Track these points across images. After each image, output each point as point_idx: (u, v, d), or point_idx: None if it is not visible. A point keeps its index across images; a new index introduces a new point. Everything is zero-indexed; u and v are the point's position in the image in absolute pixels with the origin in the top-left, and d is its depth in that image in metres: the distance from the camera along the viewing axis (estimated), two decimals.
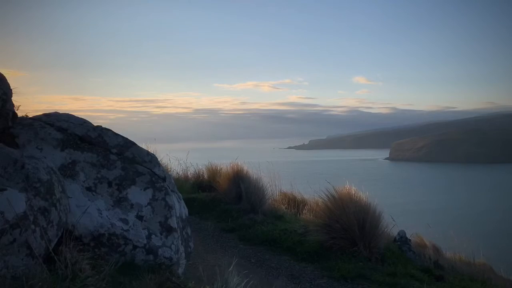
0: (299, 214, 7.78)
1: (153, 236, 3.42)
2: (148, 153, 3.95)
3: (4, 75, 3.42)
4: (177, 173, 11.54)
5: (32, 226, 2.60)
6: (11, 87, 3.49)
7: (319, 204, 6.24)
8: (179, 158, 11.81)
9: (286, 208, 8.29)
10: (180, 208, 3.86)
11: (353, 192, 5.96)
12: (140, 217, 3.45)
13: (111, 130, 3.97)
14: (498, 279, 6.55)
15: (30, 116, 3.87)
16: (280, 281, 4.89)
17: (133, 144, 3.93)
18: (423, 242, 7.02)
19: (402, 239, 6.56)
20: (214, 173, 9.91)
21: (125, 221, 3.36)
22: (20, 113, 3.76)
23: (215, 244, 6.42)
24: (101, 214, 3.30)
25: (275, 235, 6.44)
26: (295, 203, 8.49)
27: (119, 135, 3.97)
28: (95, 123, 4.02)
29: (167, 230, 3.52)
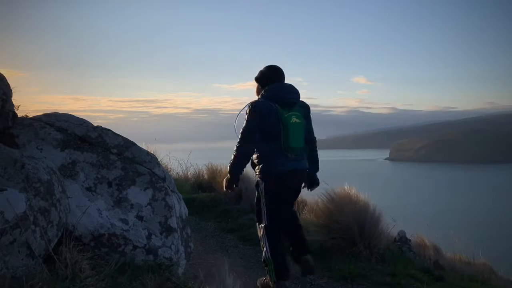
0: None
1: (153, 236, 3.42)
2: (148, 153, 3.95)
3: (4, 75, 3.42)
4: (177, 173, 11.55)
5: (32, 226, 2.60)
6: (11, 87, 3.49)
7: (319, 204, 6.23)
8: (179, 158, 11.82)
9: None
10: (180, 208, 3.86)
11: (353, 193, 5.96)
12: (140, 217, 3.45)
13: (111, 130, 3.97)
14: (498, 279, 6.55)
15: (30, 116, 3.86)
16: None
17: (133, 144, 3.93)
18: (423, 242, 7.01)
19: (402, 239, 6.55)
20: (214, 173, 9.92)
21: (125, 221, 3.36)
22: (20, 113, 3.75)
23: (215, 244, 6.42)
24: (101, 214, 3.30)
25: None
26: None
27: (119, 135, 3.97)
28: (95, 123, 4.01)
29: (167, 230, 3.52)
